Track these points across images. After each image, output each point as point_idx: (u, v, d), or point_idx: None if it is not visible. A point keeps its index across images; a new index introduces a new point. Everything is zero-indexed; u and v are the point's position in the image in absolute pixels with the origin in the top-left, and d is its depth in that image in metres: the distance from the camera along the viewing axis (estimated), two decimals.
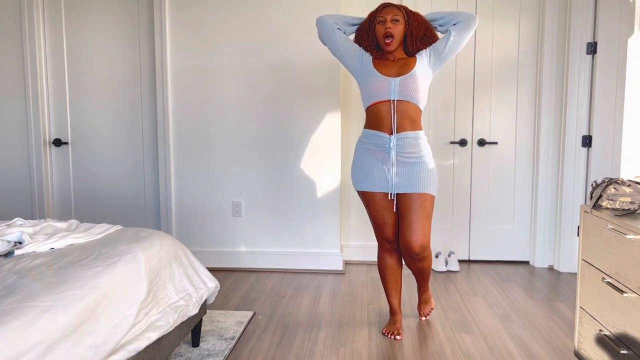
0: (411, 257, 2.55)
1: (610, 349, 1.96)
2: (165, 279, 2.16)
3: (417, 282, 2.78)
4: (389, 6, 2.52)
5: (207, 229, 3.88)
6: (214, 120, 3.80)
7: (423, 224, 2.48)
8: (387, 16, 2.47)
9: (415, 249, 2.49)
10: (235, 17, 3.72)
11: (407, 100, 2.45)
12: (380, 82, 2.46)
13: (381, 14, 2.49)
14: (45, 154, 3.95)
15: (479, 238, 3.99)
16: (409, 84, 2.43)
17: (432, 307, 2.88)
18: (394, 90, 2.44)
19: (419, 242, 2.48)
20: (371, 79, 2.48)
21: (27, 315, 1.45)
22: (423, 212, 2.48)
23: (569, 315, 2.95)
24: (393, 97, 2.45)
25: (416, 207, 2.47)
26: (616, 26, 3.45)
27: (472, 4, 3.83)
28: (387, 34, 2.46)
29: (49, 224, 2.37)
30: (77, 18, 3.89)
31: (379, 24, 2.48)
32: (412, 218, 2.48)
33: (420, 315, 2.89)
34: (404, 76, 2.45)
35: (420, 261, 2.57)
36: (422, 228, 2.48)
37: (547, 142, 3.80)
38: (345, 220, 3.98)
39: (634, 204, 1.96)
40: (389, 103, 2.45)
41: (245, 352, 2.50)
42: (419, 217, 2.47)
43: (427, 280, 2.76)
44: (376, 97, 2.48)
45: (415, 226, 2.47)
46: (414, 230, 2.47)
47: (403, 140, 2.47)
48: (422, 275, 2.70)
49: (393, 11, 2.48)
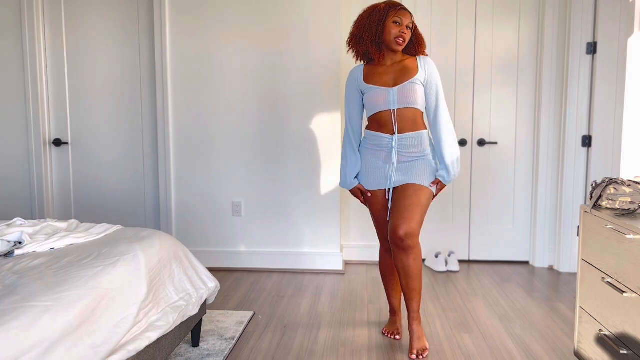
0: (395, 244, 2.36)
1: (610, 349, 1.96)
2: (165, 279, 2.16)
3: (405, 294, 2.44)
4: (405, 9, 2.48)
5: (207, 229, 3.88)
6: (214, 120, 3.80)
7: (413, 210, 2.36)
8: (405, 20, 2.44)
9: (399, 233, 2.32)
10: (235, 17, 3.72)
11: (407, 107, 2.46)
12: (379, 94, 2.47)
13: (398, 14, 2.44)
14: (45, 154, 3.95)
15: (479, 238, 3.99)
16: (407, 92, 2.44)
17: (426, 346, 2.46)
18: (393, 100, 2.45)
19: (404, 226, 2.32)
20: (370, 92, 2.50)
21: (27, 315, 1.45)
22: (415, 200, 2.38)
23: (569, 315, 2.95)
24: (392, 107, 2.46)
25: (407, 196, 2.40)
26: (616, 26, 3.45)
27: (472, 3, 3.83)
28: (401, 38, 2.44)
29: (49, 224, 2.37)
30: (77, 18, 3.89)
31: (394, 23, 2.44)
32: (402, 204, 2.38)
33: (411, 352, 2.43)
34: (402, 85, 2.45)
35: (405, 251, 2.34)
36: (410, 214, 2.35)
37: (547, 142, 3.80)
38: (345, 220, 3.98)
39: (634, 204, 1.96)
40: (390, 111, 2.47)
41: (245, 352, 2.50)
42: (408, 204, 2.37)
43: (416, 296, 2.44)
44: (377, 108, 2.49)
45: (403, 211, 2.36)
46: (401, 215, 2.35)
47: (405, 140, 2.48)
48: (407, 276, 2.39)
49: (409, 18, 2.46)
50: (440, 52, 3.86)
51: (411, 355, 2.43)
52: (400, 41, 2.44)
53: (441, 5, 3.84)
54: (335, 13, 3.66)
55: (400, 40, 2.44)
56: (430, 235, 3.96)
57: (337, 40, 3.67)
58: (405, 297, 2.47)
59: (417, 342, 2.46)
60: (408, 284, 2.42)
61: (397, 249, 2.38)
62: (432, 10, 3.84)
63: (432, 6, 3.84)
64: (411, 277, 2.40)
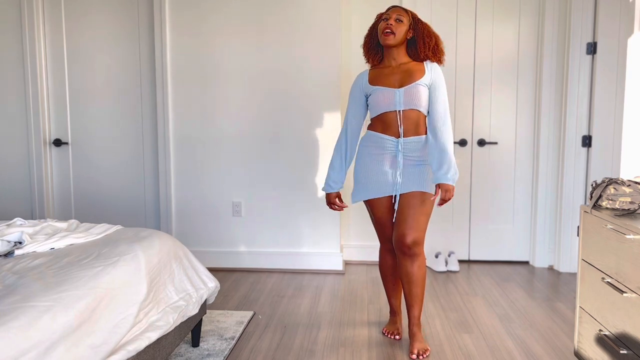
0: (402, 252, 2.43)
1: (610, 349, 1.96)
2: (165, 279, 2.16)
3: (406, 300, 2.49)
4: (397, 7, 2.55)
5: (207, 229, 3.88)
6: (213, 120, 3.80)
7: (419, 219, 2.43)
8: (392, 14, 2.50)
9: (407, 242, 2.40)
10: (235, 17, 3.72)
11: (411, 109, 2.47)
12: (385, 95, 2.48)
13: (387, 13, 2.53)
14: (45, 154, 3.95)
15: (479, 238, 3.99)
16: (413, 94, 2.45)
17: (427, 347, 2.48)
18: (399, 101, 2.46)
19: (412, 235, 2.40)
20: (375, 93, 2.51)
21: (27, 315, 1.45)
22: (422, 209, 2.45)
23: (569, 315, 2.95)
24: (398, 108, 2.47)
25: (415, 204, 2.44)
26: (616, 26, 3.45)
27: (472, 3, 3.83)
28: (387, 29, 2.47)
29: (49, 224, 2.37)
30: (77, 18, 3.89)
31: (383, 21, 2.51)
32: (408, 213, 2.43)
33: (411, 352, 2.45)
34: (408, 86, 2.46)
35: (411, 258, 2.42)
36: (417, 222, 2.42)
37: (547, 142, 3.80)
38: (345, 220, 3.98)
39: (634, 204, 1.96)
40: (395, 112, 2.48)
41: (245, 352, 2.50)
42: (414, 213, 2.43)
43: (417, 303, 2.48)
44: (382, 108, 2.50)
45: (411, 220, 2.42)
46: (409, 224, 2.41)
47: (410, 144, 2.48)
48: (410, 282, 2.45)
49: (398, 11, 2.51)
50: None
51: (412, 355, 2.44)
52: (387, 32, 2.46)
53: (441, 5, 3.84)
54: (335, 14, 3.66)
55: (387, 32, 2.46)
56: (430, 235, 3.96)
57: (337, 41, 3.67)
58: (407, 304, 2.51)
59: (418, 343, 2.48)
60: (410, 291, 2.47)
61: (404, 255, 2.44)
62: (432, 10, 3.84)
63: (432, 6, 3.84)
64: (414, 284, 2.45)
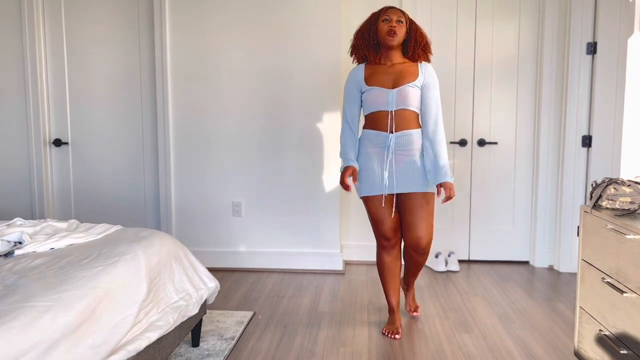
0: (417, 253, 2.65)
1: (610, 349, 1.96)
2: (165, 279, 2.16)
3: (409, 276, 2.87)
4: (394, 8, 2.62)
5: (207, 229, 3.88)
6: (214, 120, 3.80)
7: (428, 221, 2.61)
8: (393, 16, 2.57)
9: (423, 245, 2.61)
10: (235, 16, 3.72)
11: (404, 109, 2.57)
12: (379, 95, 2.57)
13: (386, 13, 2.58)
14: (45, 154, 3.95)
15: (479, 238, 3.99)
16: (405, 95, 2.55)
17: (417, 305, 2.99)
18: (392, 101, 2.56)
19: (427, 238, 2.61)
20: (369, 92, 2.60)
21: (27, 315, 1.45)
22: (428, 209, 2.61)
23: (569, 315, 2.95)
24: (390, 108, 2.56)
25: (421, 206, 2.59)
26: (616, 26, 3.45)
27: (472, 3, 3.83)
28: (392, 31, 2.54)
29: (49, 224, 2.37)
30: (77, 18, 3.89)
31: (383, 22, 2.57)
32: (419, 216, 2.59)
33: (412, 310, 2.95)
34: (401, 87, 2.55)
35: (423, 256, 2.69)
36: (429, 225, 2.61)
37: (547, 142, 3.80)
38: (345, 220, 3.98)
39: (634, 204, 1.96)
40: (387, 111, 2.57)
41: (245, 352, 2.50)
42: (424, 215, 2.59)
43: (417, 274, 2.89)
44: (374, 107, 2.60)
45: (422, 224, 2.59)
46: (423, 228, 2.59)
47: (401, 138, 2.57)
48: (417, 269, 2.80)
49: (398, 13, 2.59)
50: (440, 52, 3.86)
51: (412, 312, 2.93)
52: (392, 34, 2.55)
53: (441, 5, 3.84)
54: (335, 13, 3.66)
55: (391, 34, 2.55)
56: None
57: (337, 40, 3.67)
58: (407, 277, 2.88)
59: (413, 301, 2.97)
60: (415, 272, 2.85)
61: (417, 254, 2.68)
62: (432, 10, 3.84)
63: (432, 6, 3.84)
64: (420, 267, 2.80)
